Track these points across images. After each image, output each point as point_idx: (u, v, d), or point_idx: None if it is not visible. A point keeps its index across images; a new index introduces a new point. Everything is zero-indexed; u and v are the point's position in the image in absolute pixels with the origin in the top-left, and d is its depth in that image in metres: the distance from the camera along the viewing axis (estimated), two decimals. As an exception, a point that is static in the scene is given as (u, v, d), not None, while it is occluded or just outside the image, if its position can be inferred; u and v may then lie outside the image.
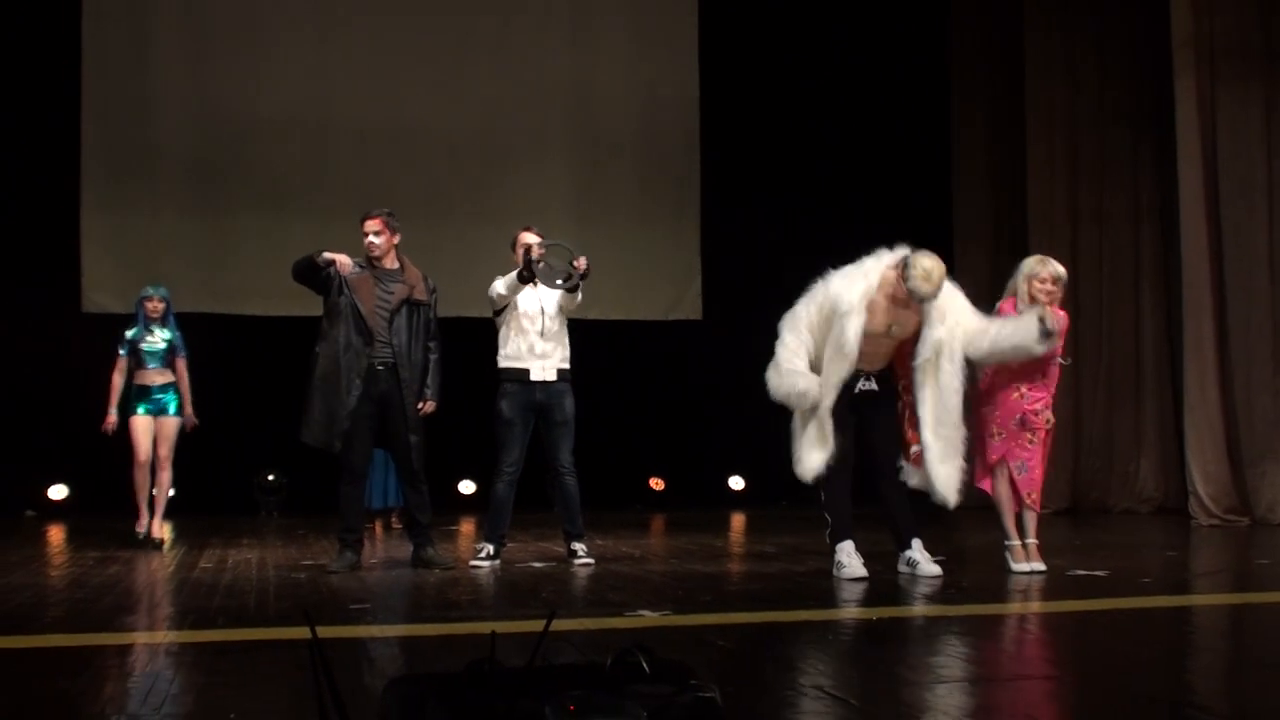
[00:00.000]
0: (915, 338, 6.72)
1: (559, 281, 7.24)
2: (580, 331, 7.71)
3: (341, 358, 7.08)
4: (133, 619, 5.48)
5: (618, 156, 12.98)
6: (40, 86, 11.82)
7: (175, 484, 11.84)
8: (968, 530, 9.28)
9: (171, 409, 8.93)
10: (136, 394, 8.90)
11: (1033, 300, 6.83)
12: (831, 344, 6.71)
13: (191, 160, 12.13)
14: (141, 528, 8.88)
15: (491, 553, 7.36)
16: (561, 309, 7.46)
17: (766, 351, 13.06)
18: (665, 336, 12.98)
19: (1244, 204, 10.73)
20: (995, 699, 3.69)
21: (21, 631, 5.08)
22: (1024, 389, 6.84)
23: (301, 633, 2.78)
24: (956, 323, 6.67)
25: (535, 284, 7.33)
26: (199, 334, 8.28)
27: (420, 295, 7.31)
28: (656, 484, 13.00)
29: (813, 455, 6.79)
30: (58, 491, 11.81)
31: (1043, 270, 6.90)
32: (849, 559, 6.74)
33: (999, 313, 6.86)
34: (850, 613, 5.52)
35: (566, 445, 7.50)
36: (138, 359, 8.90)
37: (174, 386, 8.94)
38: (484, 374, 7.73)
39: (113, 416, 8.88)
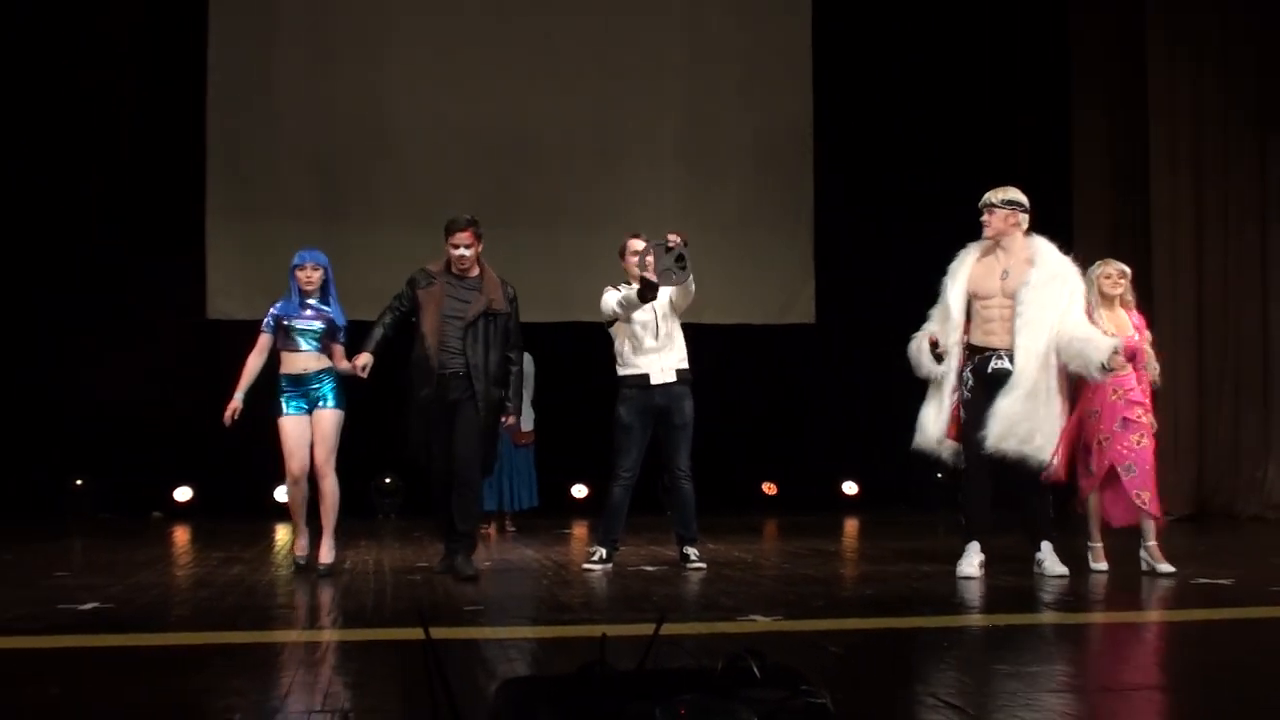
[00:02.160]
0: None
1: (675, 275, 7.16)
2: (693, 335, 7.69)
3: (416, 375, 7.02)
4: (254, 619, 5.59)
5: (731, 159, 12.95)
6: (167, 97, 12.12)
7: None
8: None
9: (330, 400, 7.09)
10: (285, 386, 7.10)
11: (1104, 296, 7.04)
12: (940, 314, 6.94)
13: (314, 168, 12.35)
14: (300, 550, 7.31)
15: (604, 556, 7.38)
16: (674, 306, 7.42)
17: (880, 355, 12.98)
18: (778, 340, 12.92)
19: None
20: (1113, 709, 3.62)
21: (149, 629, 5.22)
22: (1121, 390, 6.88)
23: (417, 633, 2.82)
24: (1053, 283, 6.76)
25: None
26: None
27: (499, 305, 7.07)
28: (769, 488, 12.95)
29: (928, 425, 6.90)
30: (183, 494, 12.10)
31: (1108, 268, 7.13)
32: (967, 557, 6.82)
33: None
34: (967, 619, 5.45)
35: (685, 449, 7.49)
36: (286, 339, 7.12)
37: (331, 373, 7.13)
38: (595, 378, 7.75)
39: (237, 402, 7.05)
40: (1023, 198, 6.91)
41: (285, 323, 7.10)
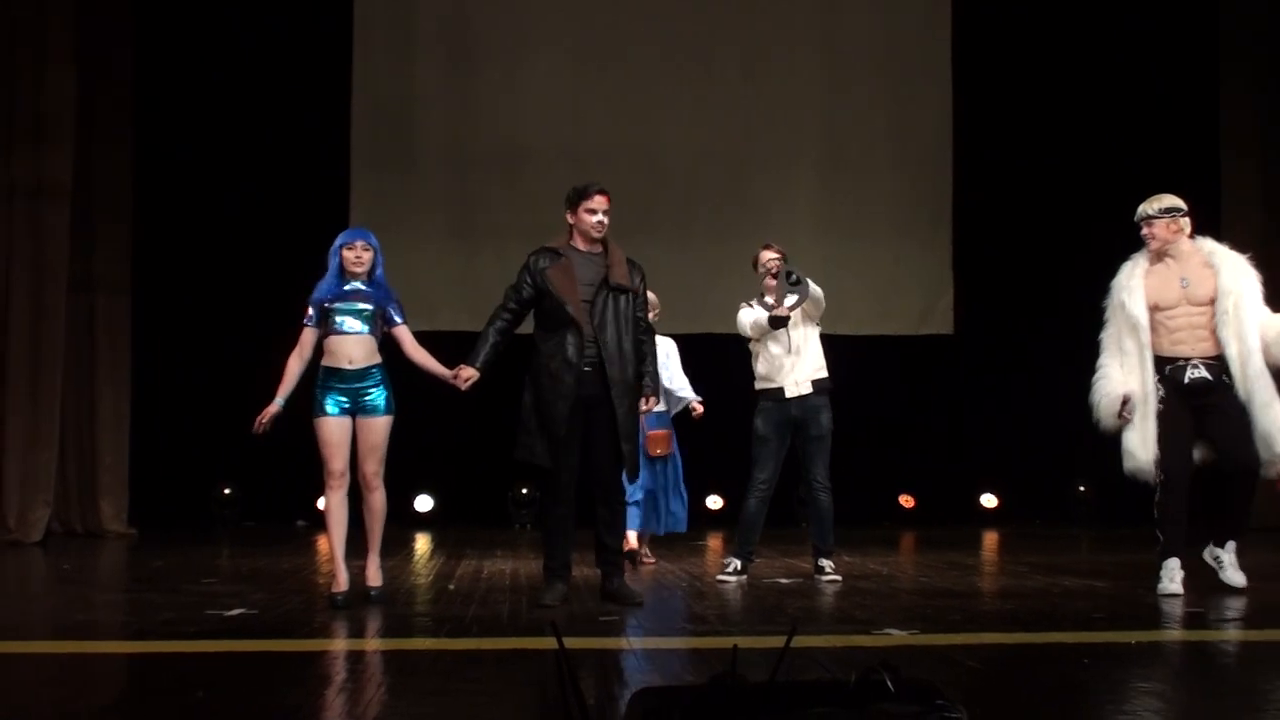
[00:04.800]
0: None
1: (794, 294, 7.14)
2: (829, 346, 7.64)
3: (551, 364, 6.23)
4: (393, 626, 5.69)
5: (868, 167, 12.81)
6: (311, 115, 12.32)
7: (433, 497, 12.39)
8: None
9: (379, 405, 6.24)
10: (327, 381, 6.26)
11: None
12: (1127, 331, 6.72)
13: (451, 185, 12.50)
14: (339, 586, 6.29)
15: (739, 568, 7.37)
16: (806, 315, 7.39)
17: (1019, 366, 12.73)
18: (916, 351, 12.77)
19: None
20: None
21: (292, 636, 5.35)
22: None
23: (551, 643, 2.85)
24: (1242, 282, 6.60)
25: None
26: (460, 351, 7.61)
27: (621, 279, 6.35)
28: (906, 501, 12.81)
29: (1137, 450, 6.66)
30: (323, 504, 12.31)
31: None
32: (1169, 573, 6.60)
33: None
34: (1107, 636, 5.32)
35: (822, 460, 7.43)
36: (330, 325, 6.25)
37: (380, 370, 6.29)
38: (728, 389, 7.74)
39: (276, 407, 6.33)
40: (1179, 202, 6.76)
41: (328, 305, 6.26)
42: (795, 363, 7.36)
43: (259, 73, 12.26)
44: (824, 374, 7.45)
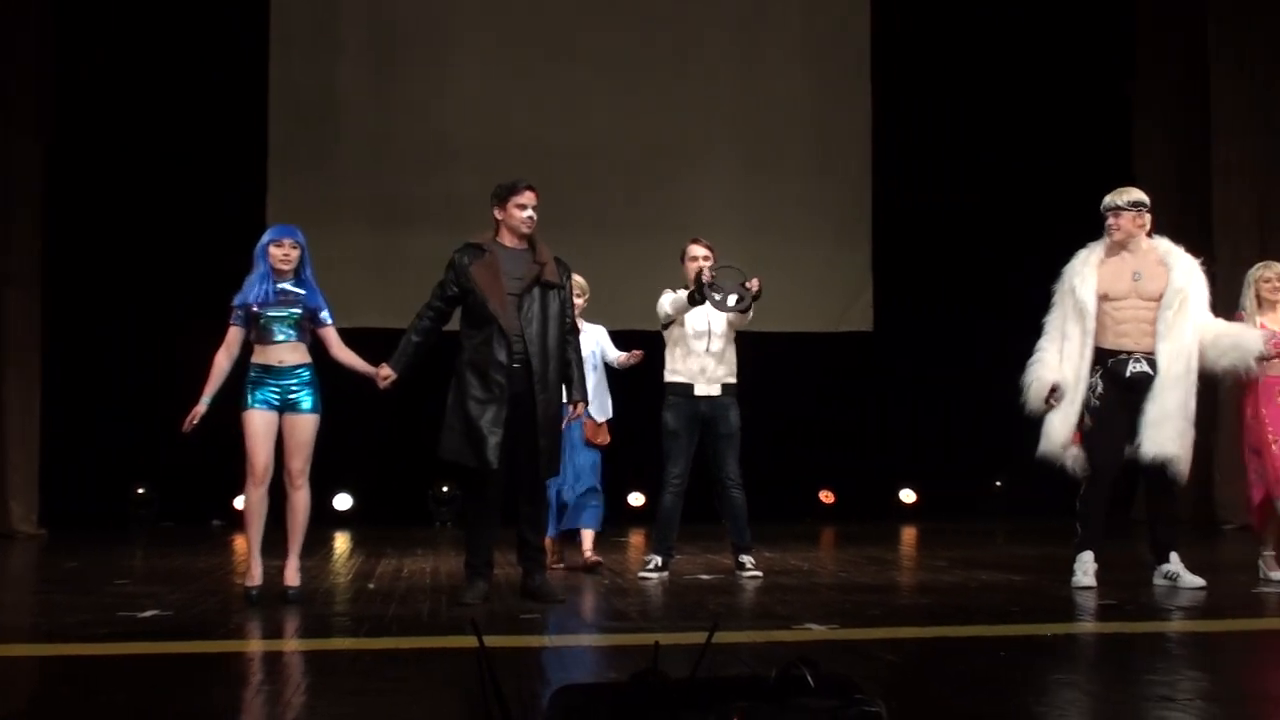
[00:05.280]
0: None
1: (731, 303, 7.18)
2: (750, 342, 7.68)
3: (480, 360, 6.18)
4: (311, 627, 5.63)
5: (789, 165, 12.88)
6: (229, 111, 12.17)
7: (353, 496, 12.27)
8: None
9: (307, 403, 6.23)
10: (256, 376, 6.23)
11: (1260, 301, 7.00)
12: (1073, 316, 6.72)
13: (372, 178, 12.39)
14: (254, 580, 6.31)
15: (659, 564, 7.38)
16: (731, 324, 7.44)
17: (938, 362, 12.85)
18: (836, 347, 12.86)
19: None
20: (1176, 720, 3.57)
21: (207, 637, 5.27)
22: None
23: (472, 641, 2.83)
24: (1193, 284, 6.67)
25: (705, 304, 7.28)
26: (378, 348, 7.41)
27: (552, 276, 6.33)
28: (826, 496, 12.90)
29: (1055, 430, 6.69)
30: (242, 502, 12.15)
31: (1268, 271, 7.10)
32: (1081, 566, 6.64)
33: None
34: (1023, 629, 5.39)
35: (732, 457, 7.48)
36: (260, 331, 6.23)
37: (310, 370, 6.28)
38: (652, 386, 7.74)
39: (202, 406, 6.27)
40: (1145, 198, 6.80)
41: (256, 310, 6.21)
42: (712, 365, 7.41)
43: (176, 67, 12.09)
44: (734, 379, 7.51)
